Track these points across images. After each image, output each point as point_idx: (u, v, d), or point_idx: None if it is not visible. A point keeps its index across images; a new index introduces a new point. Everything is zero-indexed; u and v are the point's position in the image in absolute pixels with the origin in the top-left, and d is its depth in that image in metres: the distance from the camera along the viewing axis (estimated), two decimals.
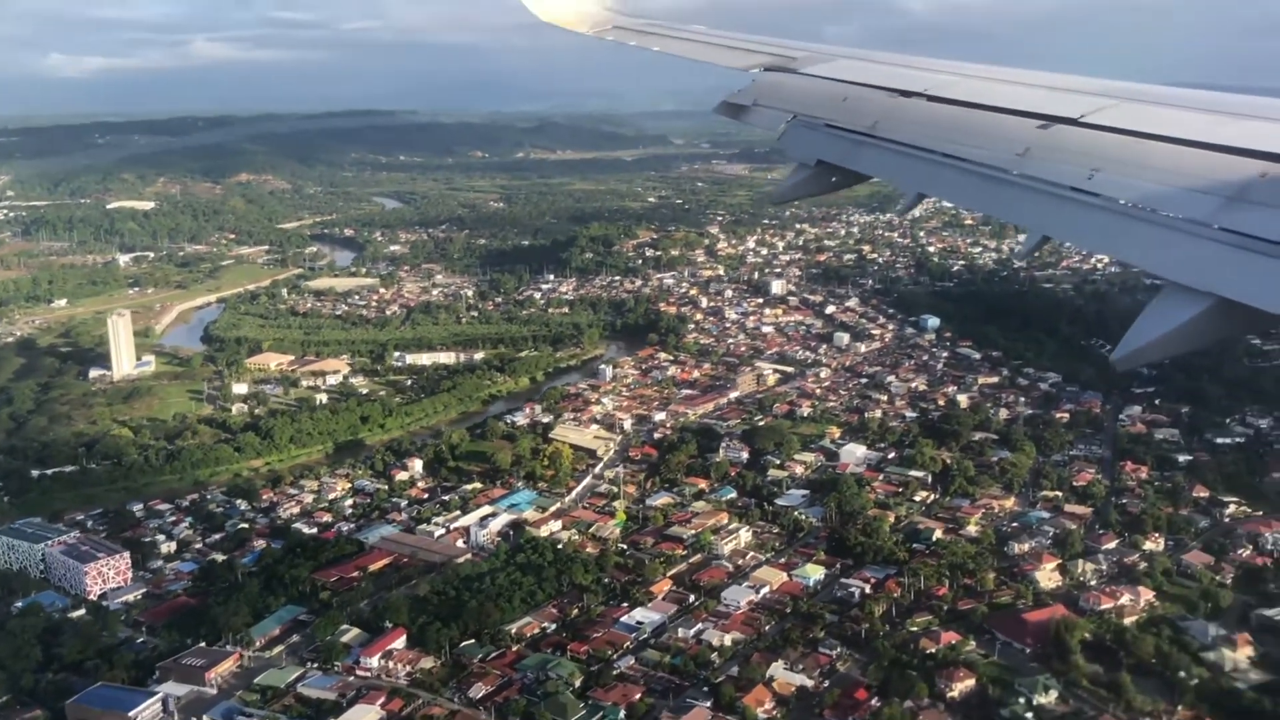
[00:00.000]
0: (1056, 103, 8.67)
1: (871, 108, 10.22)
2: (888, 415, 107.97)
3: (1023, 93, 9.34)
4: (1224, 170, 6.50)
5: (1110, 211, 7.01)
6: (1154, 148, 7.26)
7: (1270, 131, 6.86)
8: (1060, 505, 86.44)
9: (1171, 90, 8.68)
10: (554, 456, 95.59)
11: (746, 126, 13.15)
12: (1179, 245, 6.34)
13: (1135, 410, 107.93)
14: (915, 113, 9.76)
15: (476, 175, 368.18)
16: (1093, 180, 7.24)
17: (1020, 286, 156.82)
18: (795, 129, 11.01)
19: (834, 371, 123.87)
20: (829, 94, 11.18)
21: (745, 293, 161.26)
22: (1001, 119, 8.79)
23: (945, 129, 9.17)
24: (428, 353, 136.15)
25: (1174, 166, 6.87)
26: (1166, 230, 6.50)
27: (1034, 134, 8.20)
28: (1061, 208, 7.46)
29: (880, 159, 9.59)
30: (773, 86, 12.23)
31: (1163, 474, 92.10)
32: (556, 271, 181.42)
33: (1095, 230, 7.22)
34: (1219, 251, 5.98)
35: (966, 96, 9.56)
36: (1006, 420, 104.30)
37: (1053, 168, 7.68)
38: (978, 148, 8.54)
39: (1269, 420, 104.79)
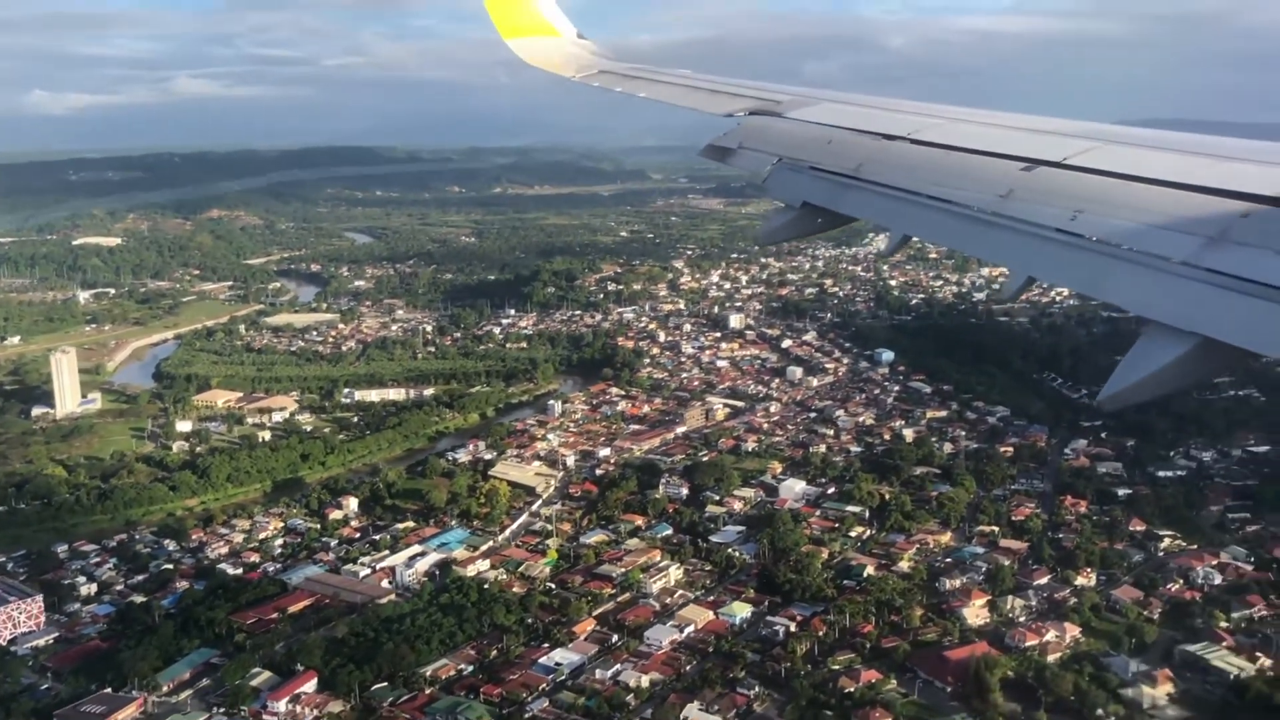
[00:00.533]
0: (1039, 145, 8.75)
1: (856, 150, 10.37)
2: (832, 450, 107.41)
3: (1005, 135, 9.48)
4: (1206, 211, 6.57)
5: (1094, 252, 7.07)
6: (1136, 189, 7.34)
7: (1250, 172, 6.96)
8: (996, 540, 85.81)
9: (1152, 132, 8.87)
10: (490, 494, 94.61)
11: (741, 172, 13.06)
12: (1162, 285, 6.35)
13: (1080, 444, 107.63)
14: (899, 155, 9.88)
15: (451, 210, 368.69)
16: (1076, 221, 7.30)
17: (977, 320, 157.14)
18: (781, 171, 11.12)
19: (784, 406, 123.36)
20: (813, 137, 11.34)
21: (704, 327, 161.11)
22: (985, 161, 8.88)
23: (929, 171, 9.26)
24: (378, 389, 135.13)
25: (1156, 207, 6.96)
26: (1150, 271, 6.52)
27: (1017, 176, 8.29)
28: (1046, 249, 7.48)
29: (865, 201, 9.69)
30: (758, 130, 12.41)
31: (1102, 508, 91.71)
32: (518, 306, 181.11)
33: (1079, 271, 7.24)
34: (1202, 291, 6.00)
35: (950, 140, 9.66)
36: (950, 454, 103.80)
37: (1036, 209, 7.75)
38: (962, 190, 8.61)
39: (1212, 453, 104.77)
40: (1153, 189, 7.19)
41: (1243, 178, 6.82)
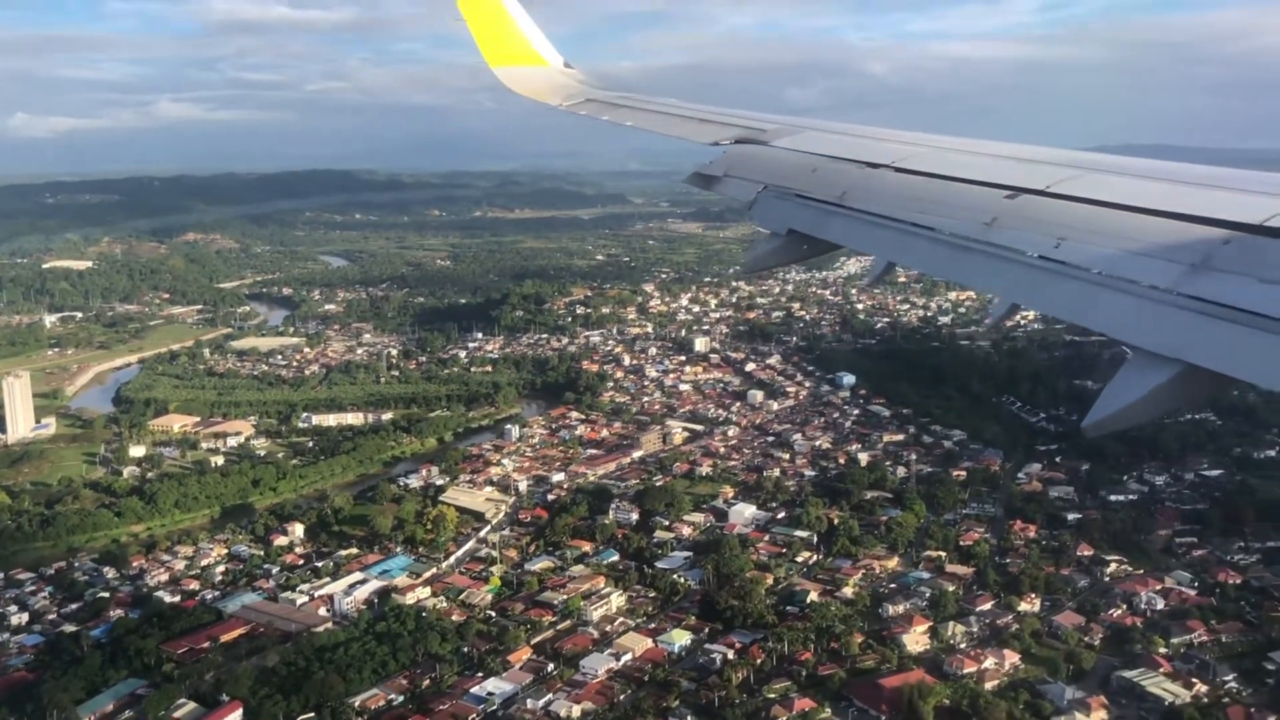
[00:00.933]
0: (1022, 174, 8.80)
1: (840, 178, 10.42)
2: (786, 474, 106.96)
3: (989, 164, 9.51)
4: (1188, 238, 6.62)
5: (1077, 279, 7.08)
6: (1119, 217, 7.37)
7: (1230, 200, 7.02)
8: (942, 565, 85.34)
9: (1133, 160, 8.88)
10: (437, 520, 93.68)
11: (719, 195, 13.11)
12: (1145, 312, 6.40)
13: (1035, 468, 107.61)
14: (884, 183, 9.93)
15: (430, 234, 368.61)
16: (1059, 249, 7.31)
17: (939, 344, 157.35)
18: (766, 199, 11.16)
19: (742, 430, 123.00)
20: (798, 165, 11.39)
21: (669, 350, 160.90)
22: (969, 189, 8.90)
23: (913, 199, 9.30)
24: (336, 414, 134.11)
25: (1139, 235, 6.98)
26: (1133, 298, 6.56)
27: (1001, 204, 8.32)
28: (1029, 276, 7.50)
29: (850, 228, 9.72)
30: (743, 158, 12.50)
31: (1051, 532, 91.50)
32: (486, 329, 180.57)
33: (1063, 298, 7.24)
34: (1185, 318, 6.03)
35: (934, 168, 9.69)
36: (902, 478, 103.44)
37: (1020, 237, 7.78)
38: (946, 217, 8.63)
39: (1165, 477, 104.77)
40: (1135, 216, 7.23)
41: (1223, 205, 6.88)
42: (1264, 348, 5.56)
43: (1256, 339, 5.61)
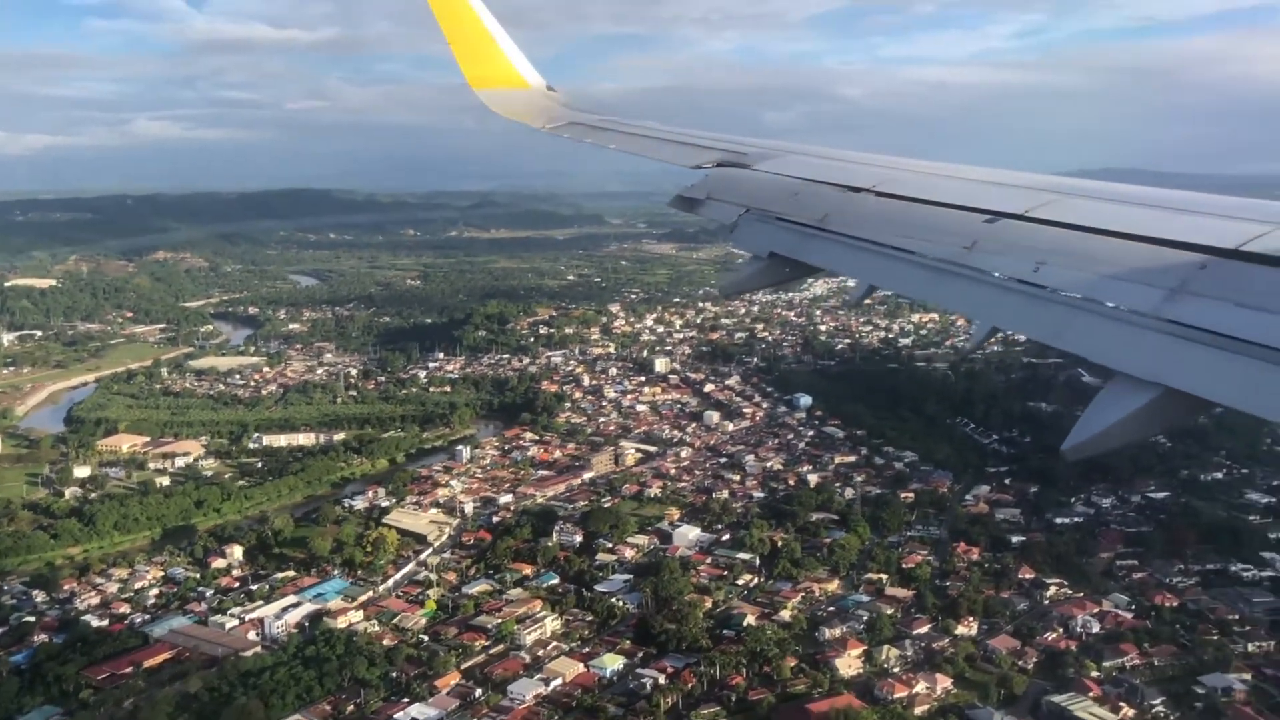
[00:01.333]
0: (1001, 198, 8.85)
1: (821, 202, 10.47)
2: (735, 496, 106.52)
3: (968, 188, 9.57)
4: (1165, 263, 6.68)
5: (1056, 303, 7.12)
6: (1097, 241, 7.42)
7: (1206, 225, 7.06)
8: (883, 588, 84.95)
9: (1111, 186, 8.97)
10: (377, 543, 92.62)
11: (693, 215, 13.19)
12: (1124, 336, 6.43)
13: (983, 490, 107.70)
14: (864, 207, 9.99)
15: (403, 253, 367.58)
16: (1039, 273, 7.37)
17: (897, 365, 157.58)
18: (748, 222, 11.19)
19: (695, 451, 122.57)
20: (780, 188, 11.43)
21: (629, 371, 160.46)
22: (948, 213, 8.96)
23: (894, 223, 9.35)
24: (288, 434, 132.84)
25: (1117, 259, 7.05)
26: (1112, 321, 6.60)
27: (981, 228, 8.36)
28: (1009, 300, 7.53)
29: (831, 251, 9.77)
30: (725, 181, 12.54)
31: (995, 555, 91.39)
32: (448, 349, 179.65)
33: (1042, 321, 7.25)
34: (1163, 342, 6.08)
35: (914, 192, 9.77)
36: (850, 500, 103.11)
37: (999, 261, 7.83)
38: (926, 241, 8.69)
39: (1112, 499, 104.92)
40: (1113, 241, 7.28)
41: (1200, 230, 6.93)
42: (1241, 371, 5.60)
43: (1234, 363, 5.65)
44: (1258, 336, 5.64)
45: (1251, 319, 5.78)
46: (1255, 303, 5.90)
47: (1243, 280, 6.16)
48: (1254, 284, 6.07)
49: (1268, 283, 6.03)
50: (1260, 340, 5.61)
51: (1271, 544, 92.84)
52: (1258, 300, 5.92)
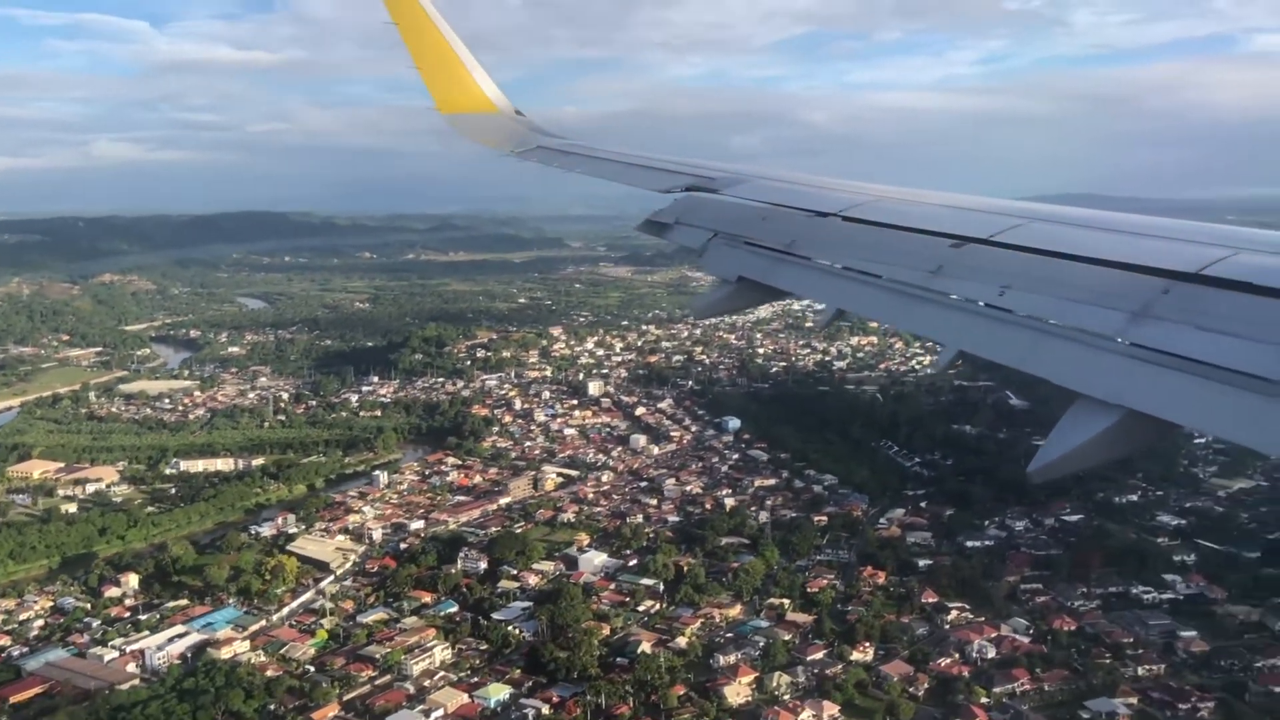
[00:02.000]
0: (967, 223, 8.91)
1: (789, 227, 10.54)
2: (650, 521, 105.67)
3: (934, 213, 9.66)
4: (1129, 287, 6.74)
5: (1022, 327, 7.15)
6: (1062, 265, 7.48)
7: (1168, 250, 7.13)
8: (784, 614, 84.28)
9: (1075, 210, 9.01)
10: (276, 570, 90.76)
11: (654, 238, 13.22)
12: (1088, 359, 6.47)
13: (898, 513, 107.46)
14: (832, 232, 10.06)
15: (357, 276, 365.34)
16: (1004, 297, 7.41)
17: (829, 388, 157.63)
18: (716, 247, 11.25)
19: (618, 475, 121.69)
20: (748, 213, 11.52)
21: (563, 394, 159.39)
22: (915, 238, 9.00)
23: (861, 248, 9.44)
24: (207, 459, 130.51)
25: (1081, 283, 7.11)
26: (1076, 345, 6.64)
27: (947, 253, 8.41)
28: (975, 323, 7.58)
29: (799, 276, 9.82)
30: (694, 206, 12.60)
31: (901, 579, 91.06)
32: (383, 373, 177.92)
33: (1008, 345, 7.22)
34: (1126, 365, 6.14)
35: (880, 217, 9.82)
36: (764, 524, 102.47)
37: (965, 285, 7.89)
38: (893, 265, 8.73)
39: (1025, 522, 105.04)
40: (1077, 265, 7.35)
41: (1161, 255, 7.01)
42: (1201, 393, 5.69)
43: (1194, 385, 5.73)
44: (1218, 359, 5.72)
45: (1212, 342, 5.87)
46: (1215, 326, 5.99)
47: (1203, 304, 6.25)
48: (1214, 308, 6.15)
49: (1227, 306, 6.12)
50: (1220, 363, 5.69)
51: (1175, 566, 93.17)
52: (1218, 324, 6.00)
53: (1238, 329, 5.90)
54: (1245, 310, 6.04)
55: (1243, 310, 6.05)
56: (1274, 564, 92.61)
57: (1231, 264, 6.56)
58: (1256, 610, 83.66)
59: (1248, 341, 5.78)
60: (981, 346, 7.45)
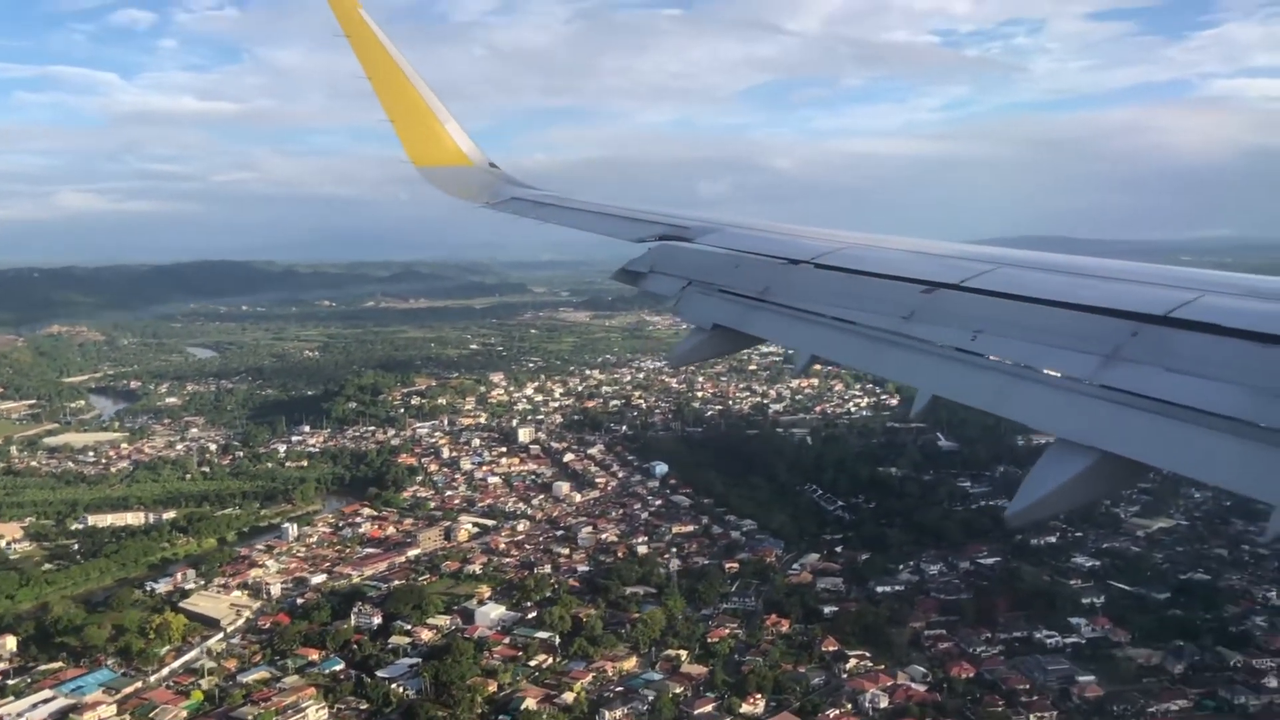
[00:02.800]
0: (938, 269, 8.96)
1: (762, 274, 10.59)
2: (559, 570, 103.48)
3: (905, 259, 9.72)
4: (1099, 330, 6.76)
5: (995, 371, 7.14)
6: (1032, 309, 7.50)
7: (1135, 293, 7.22)
8: (679, 665, 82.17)
9: (1044, 255, 9.05)
10: (161, 629, 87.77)
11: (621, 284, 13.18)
12: (1061, 402, 6.43)
13: (812, 558, 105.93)
14: (804, 279, 10.09)
15: (312, 324, 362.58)
16: (976, 341, 7.44)
17: (760, 431, 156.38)
18: (690, 295, 11.26)
19: (534, 524, 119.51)
20: (722, 261, 11.57)
21: (493, 441, 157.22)
22: (886, 284, 9.03)
23: (833, 294, 9.43)
24: (117, 513, 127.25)
25: (1052, 327, 7.13)
26: (1048, 388, 6.61)
27: (918, 298, 8.45)
28: (948, 368, 7.53)
29: (773, 322, 9.81)
30: (668, 254, 12.60)
31: (806, 626, 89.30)
32: (316, 422, 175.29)
33: (981, 389, 7.16)
34: (1099, 408, 6.15)
35: (852, 264, 9.90)
36: (671, 572, 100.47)
37: (937, 330, 7.87)
38: (865, 311, 8.73)
39: (940, 566, 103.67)
40: (1048, 309, 7.38)
41: (1129, 298, 7.07)
42: (1173, 434, 5.71)
43: (1166, 426, 5.78)
44: (1188, 400, 5.78)
45: (1182, 383, 5.92)
46: (1185, 367, 6.06)
47: (1173, 346, 6.31)
48: (1183, 349, 6.23)
49: (1196, 348, 6.18)
50: (1191, 404, 5.75)
51: (1084, 609, 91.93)
52: (1187, 365, 6.07)
53: (1206, 370, 5.94)
54: (1213, 351, 6.08)
55: (1211, 351, 6.09)
56: (1181, 605, 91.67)
57: (1198, 306, 6.63)
58: (1158, 653, 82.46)
59: (1216, 382, 5.81)
60: (955, 391, 7.43)
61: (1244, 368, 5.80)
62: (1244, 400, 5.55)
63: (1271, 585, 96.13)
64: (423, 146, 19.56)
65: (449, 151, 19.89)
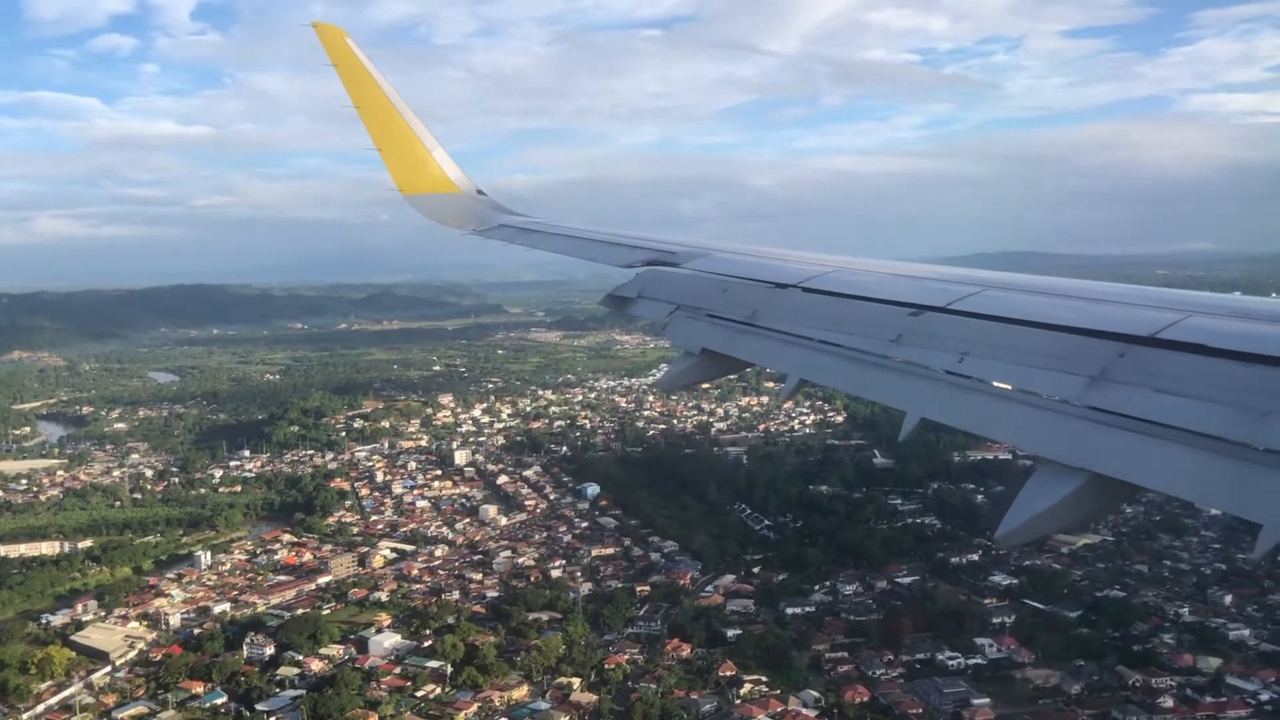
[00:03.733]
0: (925, 292, 8.96)
1: (750, 298, 10.62)
2: (469, 596, 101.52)
3: (892, 283, 9.95)
4: (1086, 352, 6.79)
5: (982, 393, 7.20)
6: (1019, 332, 7.52)
7: (1124, 314, 7.27)
8: (569, 693, 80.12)
9: (1030, 278, 9.21)
10: (43, 664, 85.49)
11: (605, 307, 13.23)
12: (1049, 424, 6.54)
13: (728, 579, 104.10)
14: (792, 303, 10.09)
15: (281, 347, 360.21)
16: (963, 364, 7.49)
17: (696, 451, 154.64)
18: (679, 320, 11.28)
19: (454, 549, 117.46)
20: (709, 286, 11.63)
21: (430, 465, 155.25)
22: (874, 307, 9.06)
23: (821, 318, 9.43)
24: (32, 542, 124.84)
25: (1039, 349, 7.14)
26: (1036, 410, 6.71)
27: (906, 321, 8.45)
28: (936, 390, 7.60)
29: (761, 346, 9.83)
30: (655, 280, 12.68)
31: (709, 650, 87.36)
32: (257, 446, 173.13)
33: (969, 411, 7.24)
34: (1087, 429, 6.19)
35: (839, 288, 9.91)
36: (575, 597, 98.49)
37: (925, 353, 7.90)
38: (853, 335, 8.74)
39: (856, 585, 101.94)
40: (1035, 331, 7.41)
41: (1116, 320, 7.12)
42: (1161, 455, 5.74)
43: (1154, 446, 5.79)
44: (1176, 420, 5.79)
45: (1170, 404, 5.96)
46: (1172, 388, 6.08)
47: (1160, 367, 6.34)
48: (1170, 370, 6.25)
49: (1182, 368, 6.21)
50: (1178, 424, 5.76)
51: (992, 629, 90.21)
52: (1174, 385, 6.09)
53: (1193, 390, 5.97)
54: (1200, 372, 6.09)
55: (1197, 372, 6.10)
56: (1091, 624, 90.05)
57: (1184, 327, 6.68)
58: (1057, 674, 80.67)
59: (1203, 402, 5.83)
60: (943, 413, 7.41)
61: (1231, 388, 5.80)
62: (1232, 420, 5.55)
63: (1186, 601, 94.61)
64: (410, 174, 19.72)
65: (436, 179, 20.07)
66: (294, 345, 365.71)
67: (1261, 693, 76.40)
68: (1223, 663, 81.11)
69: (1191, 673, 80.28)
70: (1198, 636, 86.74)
